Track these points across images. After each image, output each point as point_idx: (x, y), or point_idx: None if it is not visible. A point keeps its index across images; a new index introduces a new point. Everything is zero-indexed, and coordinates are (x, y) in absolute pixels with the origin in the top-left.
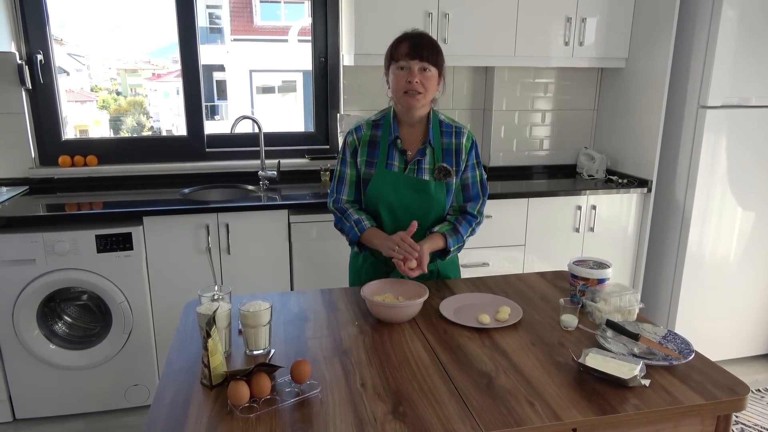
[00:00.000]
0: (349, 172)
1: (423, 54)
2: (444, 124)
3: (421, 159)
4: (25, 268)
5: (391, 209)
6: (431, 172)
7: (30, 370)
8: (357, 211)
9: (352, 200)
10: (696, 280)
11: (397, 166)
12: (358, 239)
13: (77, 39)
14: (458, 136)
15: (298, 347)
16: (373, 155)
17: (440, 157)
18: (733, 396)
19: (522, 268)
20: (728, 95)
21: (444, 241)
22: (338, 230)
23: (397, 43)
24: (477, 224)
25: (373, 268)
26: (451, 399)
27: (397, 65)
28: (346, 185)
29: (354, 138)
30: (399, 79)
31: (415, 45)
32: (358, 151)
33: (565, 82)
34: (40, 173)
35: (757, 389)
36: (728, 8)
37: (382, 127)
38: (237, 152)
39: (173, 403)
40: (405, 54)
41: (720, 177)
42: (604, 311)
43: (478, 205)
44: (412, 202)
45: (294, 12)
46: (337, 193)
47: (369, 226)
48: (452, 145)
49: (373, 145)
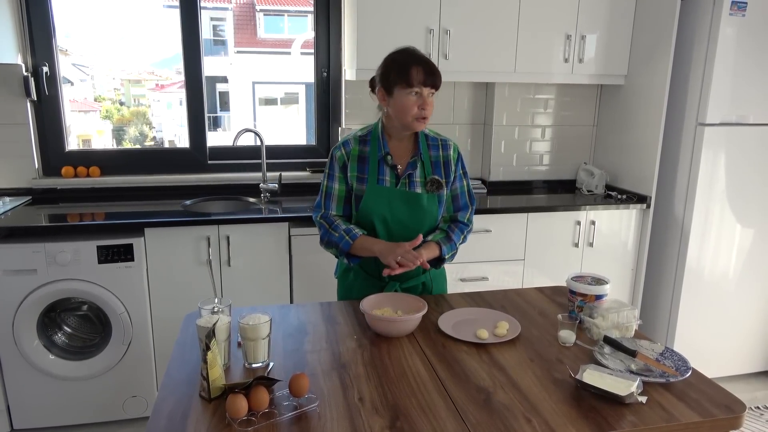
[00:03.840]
0: (338, 187)
1: (436, 81)
2: (430, 137)
3: (412, 173)
4: (26, 278)
5: (385, 223)
6: (423, 185)
7: (29, 381)
8: (345, 222)
9: (340, 215)
10: (695, 296)
11: (388, 180)
12: (349, 248)
13: (82, 49)
14: (445, 149)
15: (297, 360)
16: (363, 170)
17: (430, 170)
18: (729, 414)
19: (521, 283)
20: (726, 113)
21: (438, 249)
22: (324, 244)
23: (407, 67)
24: (468, 232)
25: (365, 284)
26: (448, 415)
27: (410, 90)
28: (334, 200)
29: (342, 153)
30: (410, 104)
31: (428, 71)
32: (348, 166)
33: (564, 98)
34: (43, 184)
35: (755, 406)
36: (726, 26)
37: (369, 143)
38: (239, 164)
39: (172, 416)
40: (420, 81)
41: (718, 193)
42: (602, 327)
43: (468, 213)
44: (406, 215)
45: (297, 25)
46: (324, 208)
47: (360, 234)
48: (440, 158)
49: (363, 161)
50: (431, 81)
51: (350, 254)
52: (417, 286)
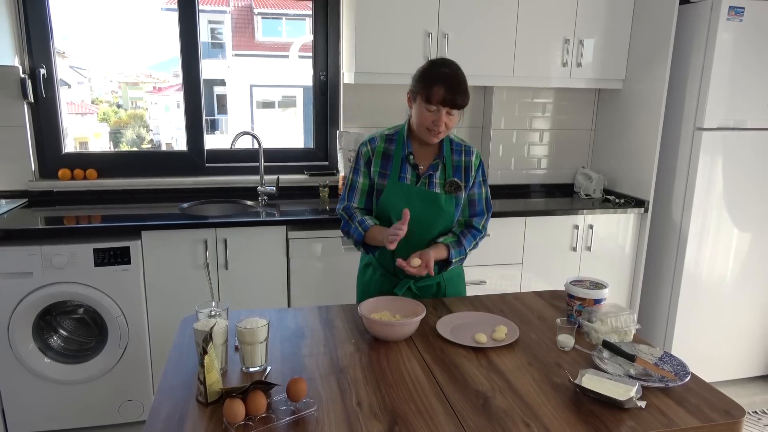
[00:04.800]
0: (362, 181)
1: (456, 102)
2: (454, 143)
3: (433, 174)
4: (22, 280)
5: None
6: (442, 186)
7: (24, 384)
8: (363, 214)
9: (362, 208)
10: (692, 300)
11: (409, 179)
12: (362, 238)
13: (79, 52)
14: (468, 155)
15: (295, 365)
16: (387, 167)
17: (450, 173)
18: (728, 419)
19: (519, 287)
20: (724, 118)
21: (447, 252)
22: (344, 233)
23: (431, 83)
24: (480, 238)
25: (382, 280)
26: (447, 419)
27: (427, 106)
28: (357, 193)
29: (368, 149)
30: (425, 117)
31: (449, 91)
32: (372, 161)
33: (563, 102)
34: (39, 186)
35: (753, 411)
36: (724, 32)
37: (395, 142)
38: (237, 167)
39: (168, 420)
40: (439, 101)
41: (716, 198)
42: (601, 332)
43: (483, 220)
44: (423, 213)
45: (295, 28)
46: (348, 200)
47: (372, 224)
48: (462, 163)
49: (387, 158)
50: (451, 102)
51: (366, 244)
52: (431, 286)
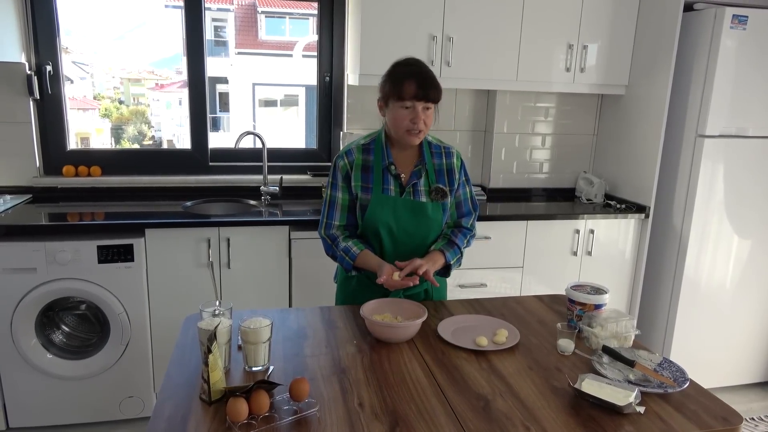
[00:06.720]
0: (341, 196)
1: (430, 95)
2: (433, 145)
3: (417, 182)
4: (25, 276)
5: (390, 232)
6: (427, 194)
7: (26, 379)
8: (345, 239)
9: (345, 224)
10: (692, 306)
11: (393, 190)
12: (351, 267)
13: (82, 47)
14: (448, 157)
15: (297, 365)
16: (368, 180)
17: (434, 178)
18: (726, 425)
19: (519, 290)
20: (726, 125)
21: (443, 257)
22: (330, 257)
23: (401, 80)
24: (471, 237)
25: (368, 291)
26: (447, 421)
27: (401, 103)
28: (337, 210)
29: (345, 162)
30: (402, 117)
31: (421, 85)
32: (351, 175)
33: (565, 107)
34: (43, 182)
35: (751, 417)
36: (727, 39)
37: (373, 152)
38: (240, 167)
39: (172, 418)
40: (412, 95)
41: (717, 205)
42: (601, 337)
43: (471, 219)
44: (411, 224)
45: (299, 28)
46: (327, 218)
47: (359, 252)
48: (443, 166)
49: (366, 170)
50: (424, 95)
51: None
52: (419, 293)
